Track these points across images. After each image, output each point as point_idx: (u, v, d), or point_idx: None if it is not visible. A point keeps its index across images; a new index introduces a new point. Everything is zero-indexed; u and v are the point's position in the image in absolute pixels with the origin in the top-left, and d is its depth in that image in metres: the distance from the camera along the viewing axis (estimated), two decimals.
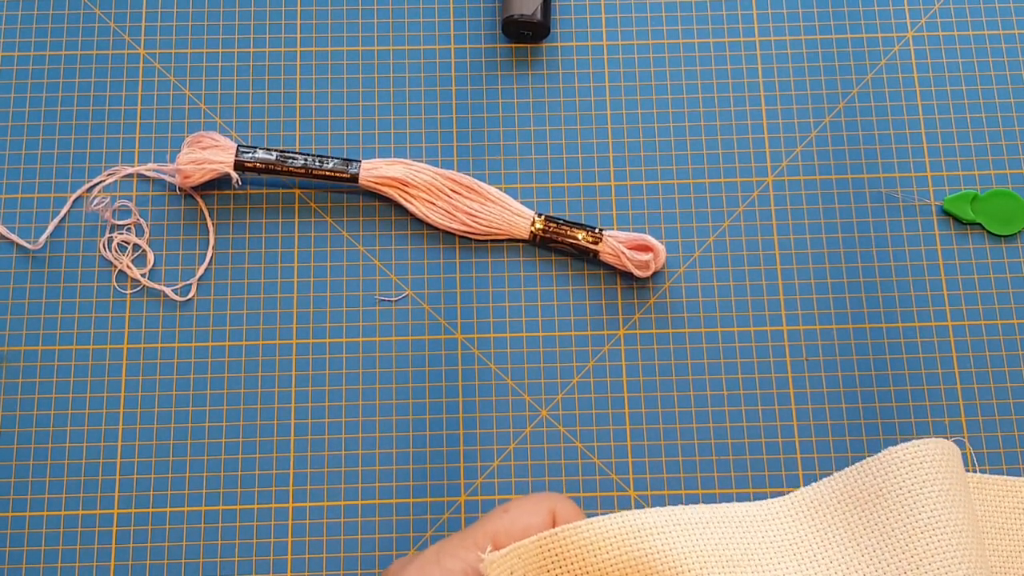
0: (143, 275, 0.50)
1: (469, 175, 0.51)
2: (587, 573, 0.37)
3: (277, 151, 0.50)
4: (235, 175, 0.50)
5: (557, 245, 0.50)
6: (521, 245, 0.51)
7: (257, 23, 0.54)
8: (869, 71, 0.54)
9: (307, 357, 0.50)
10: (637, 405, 0.49)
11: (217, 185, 0.52)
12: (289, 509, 0.48)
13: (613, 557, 0.37)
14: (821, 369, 0.49)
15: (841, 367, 0.49)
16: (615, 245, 0.49)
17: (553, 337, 0.50)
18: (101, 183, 0.52)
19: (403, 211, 0.52)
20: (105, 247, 0.51)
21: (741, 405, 0.49)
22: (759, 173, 0.52)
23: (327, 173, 0.50)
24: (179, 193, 0.52)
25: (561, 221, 0.50)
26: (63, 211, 0.51)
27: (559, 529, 0.37)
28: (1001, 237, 0.51)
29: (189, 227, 0.51)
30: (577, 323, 0.50)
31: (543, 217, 0.50)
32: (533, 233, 0.50)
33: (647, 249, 0.49)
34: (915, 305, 0.50)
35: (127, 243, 0.51)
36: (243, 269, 0.51)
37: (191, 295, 0.50)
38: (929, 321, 0.50)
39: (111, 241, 0.51)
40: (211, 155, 0.50)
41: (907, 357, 0.50)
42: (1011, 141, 0.53)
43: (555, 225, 0.50)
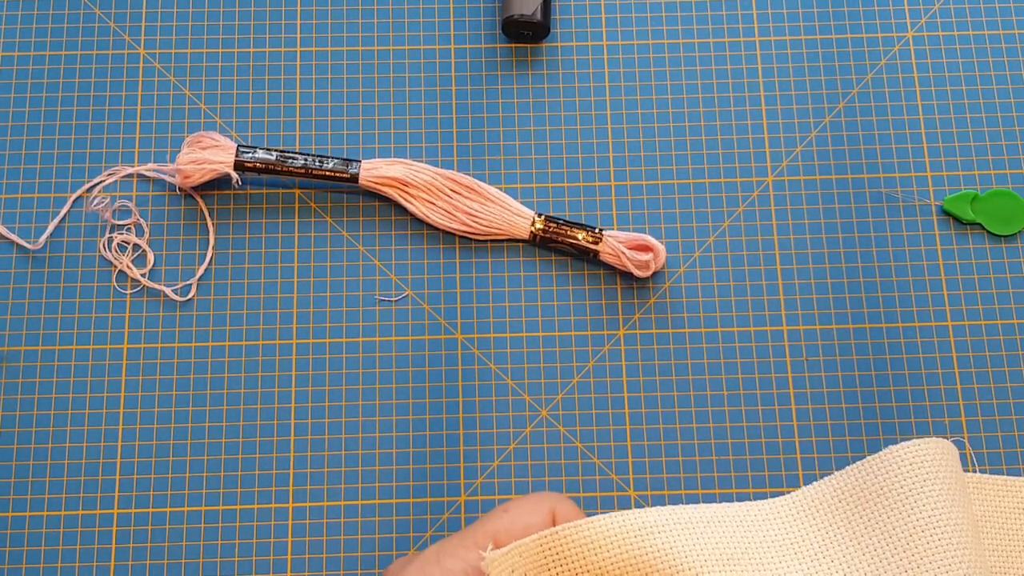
0: (143, 275, 0.50)
1: (469, 175, 0.51)
2: (587, 571, 0.37)
3: (277, 151, 0.50)
4: (235, 175, 0.50)
5: (557, 245, 0.50)
6: (521, 245, 0.51)
7: (257, 23, 0.54)
8: (869, 71, 0.54)
9: (307, 357, 0.50)
10: (637, 405, 0.49)
11: (217, 185, 0.52)
12: (289, 509, 0.48)
13: (613, 556, 0.37)
14: (821, 369, 0.49)
15: (841, 367, 0.49)
16: (615, 245, 0.49)
17: (553, 337, 0.50)
18: (101, 183, 0.52)
19: (403, 211, 0.52)
20: (105, 247, 0.51)
21: (741, 405, 0.49)
22: (759, 173, 0.52)
23: (327, 173, 0.50)
24: (179, 193, 0.52)
25: (561, 221, 0.50)
26: (63, 211, 0.51)
27: (560, 528, 0.37)
28: (1001, 237, 0.51)
29: (189, 227, 0.51)
30: (577, 323, 0.50)
31: (543, 217, 0.50)
32: (533, 233, 0.50)
33: (647, 249, 0.49)
34: (915, 305, 0.50)
35: (127, 243, 0.51)
36: (243, 269, 0.51)
37: (191, 295, 0.50)
38: (929, 321, 0.50)
39: (111, 241, 0.51)
40: (211, 155, 0.50)
41: (907, 357, 0.50)
42: (1011, 141, 0.53)
43: (555, 225, 0.50)
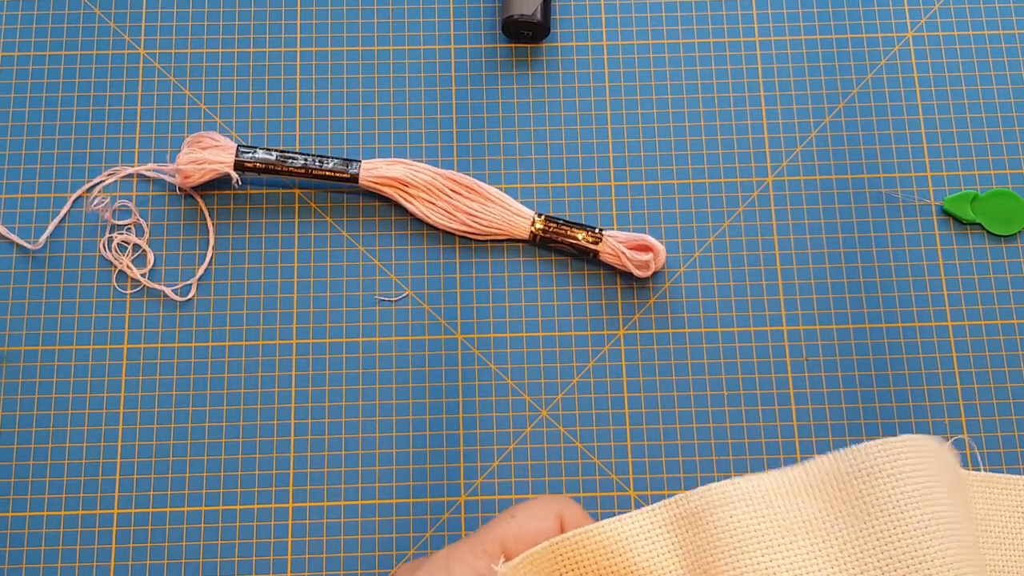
0: (143, 275, 0.50)
1: (469, 175, 0.51)
2: None
3: (277, 151, 0.50)
4: (235, 175, 0.50)
5: (557, 245, 0.50)
6: (521, 245, 0.51)
7: (257, 23, 0.54)
8: (869, 71, 0.54)
9: (307, 357, 0.50)
10: (637, 405, 0.49)
11: (217, 185, 0.52)
12: (289, 509, 0.48)
13: (626, 560, 0.37)
14: (821, 369, 0.49)
15: (841, 367, 0.49)
16: (615, 245, 0.49)
17: (553, 337, 0.50)
18: (101, 183, 0.52)
19: (403, 211, 0.52)
20: (105, 247, 0.51)
21: (741, 405, 0.49)
22: (759, 173, 0.52)
23: (327, 173, 0.50)
24: (179, 193, 0.52)
25: (561, 221, 0.50)
26: (63, 211, 0.51)
27: (571, 534, 0.37)
28: (1001, 237, 0.51)
29: (189, 227, 0.51)
30: (577, 323, 0.50)
31: (543, 217, 0.50)
32: (533, 233, 0.50)
33: (647, 249, 0.49)
34: (915, 305, 0.50)
35: (127, 243, 0.51)
36: (243, 269, 0.51)
37: (191, 295, 0.50)
38: (929, 321, 0.50)
39: (111, 241, 0.51)
40: (211, 155, 0.50)
41: (907, 357, 0.50)
42: (1011, 141, 0.53)
43: (555, 225, 0.50)
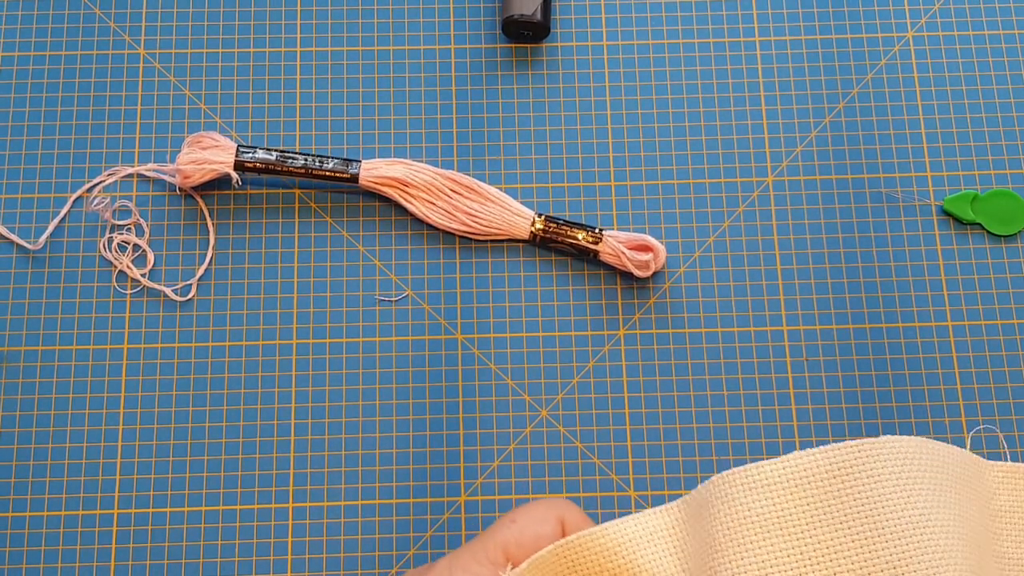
0: (143, 275, 0.50)
1: (469, 175, 0.51)
2: None
3: (277, 151, 0.50)
4: (235, 175, 0.50)
5: (557, 245, 0.50)
6: (521, 245, 0.51)
7: (257, 23, 0.54)
8: (869, 71, 0.54)
9: (307, 357, 0.50)
10: (637, 405, 0.49)
11: (217, 185, 0.52)
12: (289, 509, 0.48)
13: (629, 561, 0.37)
14: (821, 369, 0.49)
15: (841, 367, 0.49)
16: (615, 245, 0.49)
17: (553, 337, 0.50)
18: (101, 183, 0.52)
19: (403, 211, 0.52)
20: (105, 247, 0.51)
21: (741, 405, 0.49)
22: (759, 173, 0.52)
23: (327, 173, 0.50)
24: (179, 193, 0.52)
25: (561, 221, 0.50)
26: (63, 211, 0.51)
27: (576, 536, 0.37)
28: (1001, 237, 0.51)
29: (189, 227, 0.51)
30: (577, 323, 0.50)
31: (543, 217, 0.50)
32: (533, 233, 0.50)
33: (647, 249, 0.49)
34: (915, 305, 0.50)
35: (127, 243, 0.51)
36: (243, 269, 0.51)
37: (191, 295, 0.50)
38: (929, 321, 0.50)
39: (111, 241, 0.51)
40: (211, 155, 0.50)
41: (907, 357, 0.50)
42: (1011, 141, 0.53)
43: (555, 225, 0.50)
